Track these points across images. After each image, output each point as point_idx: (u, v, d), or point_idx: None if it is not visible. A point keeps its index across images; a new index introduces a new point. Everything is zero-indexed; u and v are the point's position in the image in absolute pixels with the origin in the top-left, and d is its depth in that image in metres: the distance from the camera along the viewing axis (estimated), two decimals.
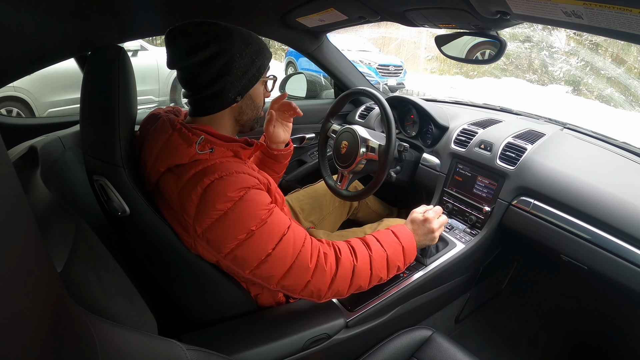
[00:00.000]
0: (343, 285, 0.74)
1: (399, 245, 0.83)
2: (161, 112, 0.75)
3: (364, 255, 0.77)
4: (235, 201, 0.63)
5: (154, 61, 4.25)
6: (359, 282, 0.76)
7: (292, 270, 0.68)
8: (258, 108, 0.79)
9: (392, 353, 0.86)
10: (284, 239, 0.67)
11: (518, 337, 1.24)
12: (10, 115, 3.14)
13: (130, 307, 0.60)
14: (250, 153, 0.76)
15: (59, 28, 0.73)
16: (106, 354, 0.32)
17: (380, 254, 0.80)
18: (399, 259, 0.83)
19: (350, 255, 0.75)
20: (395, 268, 0.83)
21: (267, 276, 0.67)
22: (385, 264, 0.80)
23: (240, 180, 0.65)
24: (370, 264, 0.77)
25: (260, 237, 0.65)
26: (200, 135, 0.67)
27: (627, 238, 0.78)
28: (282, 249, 0.66)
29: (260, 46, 0.73)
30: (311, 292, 0.71)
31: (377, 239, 0.82)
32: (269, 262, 0.66)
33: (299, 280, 0.69)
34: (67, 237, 0.52)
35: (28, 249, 0.24)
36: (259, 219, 0.65)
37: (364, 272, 0.77)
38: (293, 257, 0.67)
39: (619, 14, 0.53)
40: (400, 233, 0.86)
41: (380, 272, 0.79)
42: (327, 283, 0.71)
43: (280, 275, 0.67)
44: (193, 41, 0.66)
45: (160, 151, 0.67)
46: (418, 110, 1.34)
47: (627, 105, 6.73)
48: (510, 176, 1.00)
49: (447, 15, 0.85)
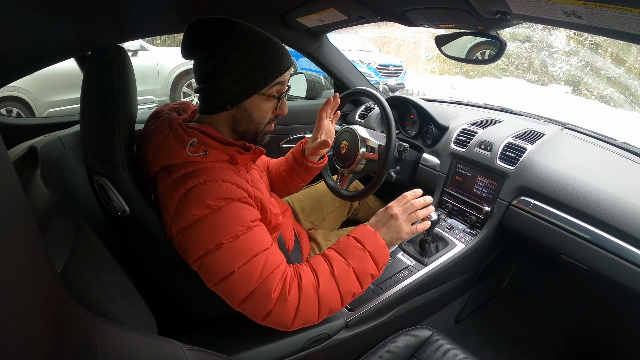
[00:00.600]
0: (311, 313, 0.68)
1: (364, 253, 0.72)
2: (164, 110, 0.75)
3: (326, 275, 0.69)
4: (213, 210, 0.62)
5: (154, 61, 4.25)
6: (329, 305, 0.69)
7: (253, 296, 0.63)
8: (257, 123, 0.73)
9: (392, 353, 0.86)
10: (254, 261, 0.63)
11: (518, 337, 1.24)
12: (10, 115, 3.14)
13: (130, 307, 0.60)
14: (247, 158, 0.73)
15: (59, 28, 0.73)
16: (106, 353, 0.32)
17: (344, 270, 0.71)
18: (369, 266, 0.72)
19: (313, 279, 0.68)
20: (369, 277, 0.73)
21: (229, 294, 0.64)
22: (354, 278, 0.71)
23: (224, 190, 0.63)
24: (336, 284, 0.69)
25: (228, 253, 0.62)
26: (194, 137, 0.66)
27: (627, 238, 0.78)
28: (248, 271, 0.62)
29: (267, 57, 0.67)
30: (275, 322, 0.66)
31: (339, 252, 0.73)
32: (231, 281, 0.62)
33: (260, 308, 0.64)
34: (67, 237, 0.52)
35: (28, 249, 0.24)
36: (233, 234, 0.62)
37: (331, 294, 0.69)
38: (257, 283, 0.63)
39: (619, 14, 0.53)
40: (363, 237, 0.74)
41: (351, 287, 0.71)
42: (291, 314, 0.66)
43: (241, 298, 0.63)
44: (196, 37, 0.67)
45: (157, 151, 0.67)
46: (418, 110, 1.34)
47: (627, 105, 6.73)
48: (510, 176, 1.00)
49: (447, 15, 0.85)
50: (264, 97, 0.71)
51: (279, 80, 0.71)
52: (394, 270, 0.98)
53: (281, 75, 0.70)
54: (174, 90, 4.48)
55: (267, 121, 0.75)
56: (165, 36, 6.47)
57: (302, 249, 1.00)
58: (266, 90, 0.70)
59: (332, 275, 0.70)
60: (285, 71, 0.71)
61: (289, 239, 0.94)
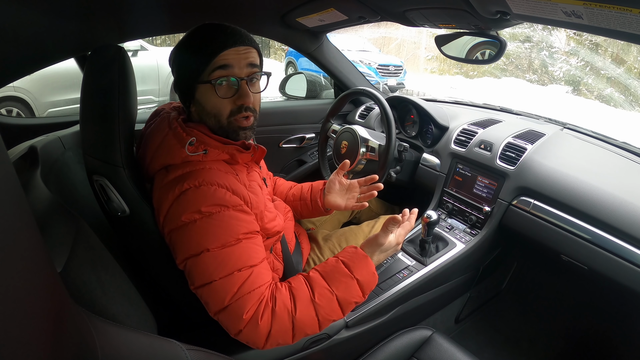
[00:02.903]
0: (284, 337, 0.64)
1: (351, 280, 0.68)
2: (165, 109, 0.75)
3: (305, 302, 0.65)
4: (204, 215, 0.61)
5: (154, 61, 4.26)
6: (304, 331, 0.65)
7: (227, 311, 0.61)
8: (214, 115, 0.68)
9: (392, 353, 0.86)
10: (235, 275, 0.61)
11: (518, 337, 1.24)
12: (10, 115, 3.14)
13: (130, 307, 0.60)
14: (248, 158, 0.72)
15: (59, 28, 0.73)
16: (106, 353, 0.32)
17: (326, 297, 0.66)
18: (354, 294, 0.68)
19: (289, 304, 0.64)
20: (352, 304, 0.69)
21: (205, 302, 0.63)
22: (337, 306, 0.67)
23: (218, 196, 0.62)
24: (315, 311, 0.66)
25: (212, 261, 0.60)
26: (193, 137, 0.66)
27: (627, 238, 0.78)
28: (226, 285, 0.60)
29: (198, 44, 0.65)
30: (246, 341, 0.63)
31: (324, 276, 0.69)
32: (209, 290, 0.61)
33: (231, 324, 0.62)
34: (67, 237, 0.52)
35: (28, 249, 0.24)
36: (220, 242, 0.61)
37: (308, 321, 0.65)
38: (232, 300, 0.60)
39: (619, 14, 0.53)
40: (353, 262, 0.70)
41: (331, 315, 0.67)
42: (262, 338, 0.62)
43: (216, 310, 0.62)
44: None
45: (157, 150, 0.67)
46: (418, 110, 1.34)
47: (627, 105, 6.73)
48: (510, 176, 1.00)
49: (447, 15, 0.85)
50: (207, 85, 0.66)
51: (217, 62, 0.64)
52: (394, 270, 0.98)
53: (215, 58, 0.64)
54: (174, 91, 4.48)
55: (229, 113, 0.68)
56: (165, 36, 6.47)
57: (302, 250, 1.00)
58: (205, 77, 0.65)
59: (311, 301, 0.66)
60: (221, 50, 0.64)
61: (290, 239, 0.94)
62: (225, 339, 0.73)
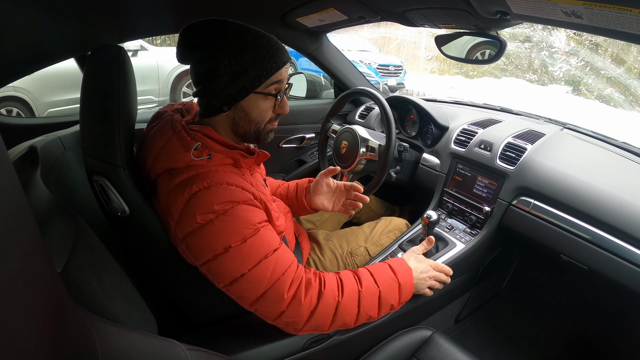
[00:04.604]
0: (324, 321, 0.68)
1: (394, 282, 0.75)
2: (167, 111, 0.75)
3: (352, 290, 0.70)
4: (218, 214, 0.61)
5: (154, 61, 4.25)
6: (343, 319, 0.70)
7: (265, 297, 0.63)
8: (257, 123, 0.71)
9: (392, 353, 0.86)
10: (263, 263, 0.63)
11: (518, 337, 1.24)
12: (10, 115, 3.14)
13: (130, 307, 0.60)
14: (251, 162, 0.73)
15: (59, 28, 0.73)
16: (106, 354, 0.32)
17: (371, 290, 0.72)
18: (393, 296, 0.75)
19: (336, 289, 0.69)
20: (389, 306, 0.75)
21: (239, 296, 0.65)
22: (377, 302, 0.73)
23: (228, 193, 0.63)
24: (358, 301, 0.70)
25: (237, 256, 0.62)
26: (198, 141, 0.66)
27: (627, 238, 0.78)
28: (259, 273, 0.62)
29: (261, 55, 0.65)
30: (286, 323, 0.66)
31: (372, 273, 0.75)
32: (242, 283, 0.63)
33: (272, 309, 0.65)
34: (67, 237, 0.52)
35: (28, 249, 0.24)
36: (241, 236, 0.62)
37: (350, 310, 0.70)
38: (269, 284, 0.63)
39: (619, 14, 0.53)
40: (399, 268, 0.77)
41: (370, 310, 0.72)
42: (304, 317, 0.66)
43: (253, 299, 0.64)
44: (189, 41, 0.67)
45: (159, 153, 0.67)
46: (418, 110, 1.34)
47: (627, 105, 6.73)
48: (510, 176, 1.00)
49: (447, 15, 0.85)
50: (260, 95, 0.68)
51: (276, 77, 0.68)
52: None
53: (277, 72, 0.68)
54: (174, 90, 4.48)
55: (268, 120, 0.73)
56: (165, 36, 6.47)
57: (302, 249, 1.00)
58: (262, 88, 0.68)
59: (358, 291, 0.71)
60: (281, 67, 0.68)
61: (290, 240, 0.94)
62: (225, 339, 0.74)
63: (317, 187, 0.97)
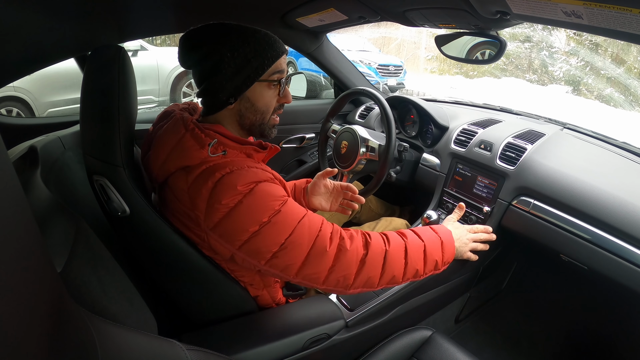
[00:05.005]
0: (374, 272, 0.68)
1: (437, 239, 0.78)
2: (175, 110, 0.75)
3: (397, 242, 0.72)
4: (244, 194, 0.62)
5: (154, 61, 4.26)
6: (392, 271, 0.70)
7: (310, 258, 0.64)
8: (262, 113, 0.73)
9: (392, 353, 0.86)
10: (298, 227, 0.64)
11: (518, 337, 1.24)
12: (10, 115, 3.14)
13: (130, 307, 0.60)
14: (263, 156, 0.75)
15: (59, 28, 0.73)
16: (106, 354, 0.32)
17: (416, 243, 0.74)
18: (437, 252, 0.77)
19: (382, 240, 0.71)
20: (433, 263, 0.77)
21: (284, 266, 0.65)
22: (422, 255, 0.74)
23: (251, 174, 0.64)
24: (405, 252, 0.72)
25: (273, 228, 0.63)
26: (214, 138, 0.67)
27: (627, 238, 0.78)
28: (297, 237, 0.64)
29: (261, 45, 0.68)
30: (337, 281, 0.66)
31: (414, 231, 0.78)
32: (285, 252, 0.64)
33: (319, 268, 0.65)
34: (67, 237, 0.52)
35: (28, 249, 0.24)
36: (272, 209, 0.63)
37: (398, 260, 0.71)
38: (309, 244, 0.64)
39: (619, 14, 0.53)
40: (439, 229, 0.82)
41: (417, 263, 0.73)
42: (354, 269, 0.67)
43: (299, 265, 0.65)
44: (190, 43, 0.69)
45: (172, 151, 0.66)
46: (418, 110, 1.34)
47: (627, 105, 6.74)
48: (510, 176, 1.00)
49: (447, 15, 0.85)
50: (264, 84, 0.71)
51: (277, 66, 0.71)
52: None
53: (277, 61, 0.70)
54: (174, 90, 4.48)
55: (272, 111, 0.75)
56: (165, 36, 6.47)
57: None
58: (266, 77, 0.70)
59: (404, 243, 0.73)
60: (281, 56, 0.71)
61: None
62: (225, 339, 0.74)
63: (314, 189, 0.98)
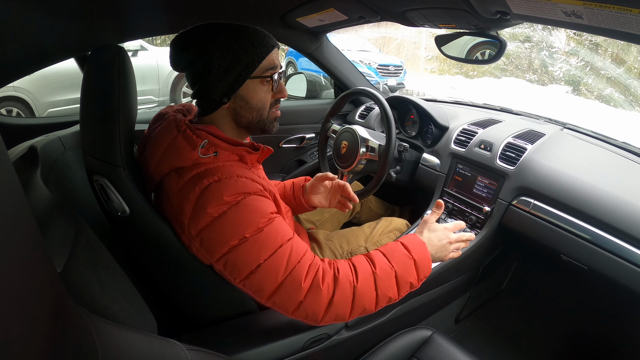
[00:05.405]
0: (343, 308, 0.66)
1: (409, 260, 0.72)
2: (169, 112, 0.75)
3: (366, 274, 0.68)
4: (231, 205, 0.61)
5: (154, 61, 4.26)
6: (362, 305, 0.68)
7: (283, 287, 0.62)
8: (258, 110, 0.72)
9: (392, 353, 0.86)
10: (279, 252, 0.63)
11: (518, 337, 1.24)
12: (10, 115, 3.14)
13: (130, 307, 0.60)
14: (256, 158, 0.74)
15: (59, 28, 0.73)
16: (106, 354, 0.32)
17: (386, 271, 0.70)
18: (411, 274, 0.72)
19: (350, 274, 0.67)
20: (407, 285, 0.72)
21: (257, 289, 0.64)
22: (394, 282, 0.70)
23: (239, 185, 0.63)
24: (374, 284, 0.68)
25: (253, 246, 0.61)
26: (204, 139, 0.66)
27: (627, 238, 0.78)
28: (275, 262, 0.62)
29: (250, 42, 0.67)
30: (305, 314, 0.65)
31: (384, 253, 0.72)
32: (260, 274, 0.62)
33: (291, 299, 0.63)
34: (67, 237, 0.52)
35: (28, 249, 0.24)
36: (255, 226, 0.62)
37: (368, 293, 0.68)
38: (285, 273, 0.62)
39: (619, 14, 0.53)
40: (412, 244, 0.74)
41: (389, 291, 0.70)
42: (324, 306, 0.64)
43: (271, 291, 0.63)
44: (180, 46, 0.69)
45: (165, 153, 0.67)
46: (418, 110, 1.34)
47: (627, 105, 6.73)
48: (510, 176, 1.00)
49: (447, 15, 0.85)
50: (257, 81, 0.70)
51: (268, 62, 0.70)
52: None
53: (268, 55, 0.69)
54: (174, 90, 4.48)
55: (269, 106, 0.74)
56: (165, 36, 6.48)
57: None
58: (258, 73, 0.69)
59: (372, 273, 0.69)
60: (271, 50, 0.70)
61: None
62: (225, 339, 0.74)
63: (313, 189, 0.98)
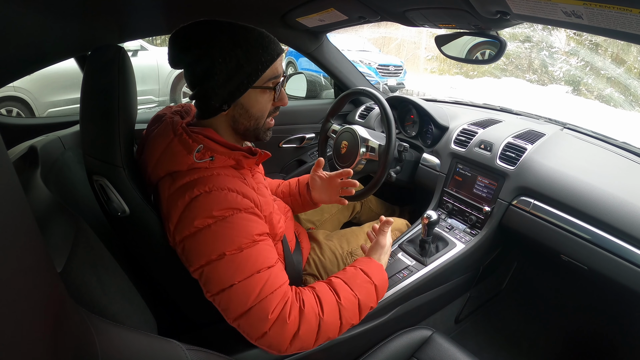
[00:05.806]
0: (308, 340, 0.65)
1: (371, 285, 0.73)
2: (167, 113, 0.74)
3: (331, 305, 0.67)
4: (217, 219, 0.61)
5: (154, 61, 4.26)
6: (327, 335, 0.67)
7: (250, 314, 0.60)
8: (257, 118, 0.71)
9: (392, 353, 0.86)
10: (255, 277, 0.61)
11: (518, 337, 1.24)
12: (10, 115, 3.14)
13: (130, 307, 0.60)
14: (253, 162, 0.73)
15: (59, 28, 0.73)
16: (106, 353, 0.32)
17: (350, 300, 0.69)
18: (372, 299, 0.73)
19: (315, 306, 0.66)
20: (368, 309, 0.73)
21: (225, 308, 0.62)
22: (357, 309, 0.71)
23: (230, 199, 0.62)
24: (339, 314, 0.68)
25: (230, 265, 0.60)
26: (201, 143, 0.65)
27: (627, 238, 0.78)
28: (248, 287, 0.60)
29: (255, 48, 0.64)
30: (269, 344, 0.62)
31: (345, 281, 0.72)
32: (230, 294, 0.60)
33: (255, 327, 0.61)
34: (67, 237, 0.52)
35: (28, 249, 0.24)
36: (236, 245, 0.61)
37: (332, 324, 0.67)
38: (256, 300, 0.60)
39: (619, 14, 0.53)
40: (371, 269, 0.75)
41: (352, 319, 0.70)
42: (288, 339, 0.62)
43: (237, 314, 0.61)
44: (182, 43, 0.66)
45: (161, 156, 0.66)
46: (418, 110, 1.34)
47: (627, 105, 6.73)
48: (510, 176, 1.00)
49: (447, 15, 0.85)
50: (259, 90, 0.68)
51: (272, 70, 0.68)
52: (394, 270, 0.98)
53: (272, 64, 0.67)
54: (174, 90, 4.48)
55: (267, 115, 0.73)
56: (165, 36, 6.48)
57: (302, 249, 1.00)
58: (260, 83, 0.67)
59: (337, 304, 0.68)
60: (276, 59, 0.68)
61: (290, 239, 0.94)
62: (225, 339, 0.74)
63: (312, 183, 0.99)
